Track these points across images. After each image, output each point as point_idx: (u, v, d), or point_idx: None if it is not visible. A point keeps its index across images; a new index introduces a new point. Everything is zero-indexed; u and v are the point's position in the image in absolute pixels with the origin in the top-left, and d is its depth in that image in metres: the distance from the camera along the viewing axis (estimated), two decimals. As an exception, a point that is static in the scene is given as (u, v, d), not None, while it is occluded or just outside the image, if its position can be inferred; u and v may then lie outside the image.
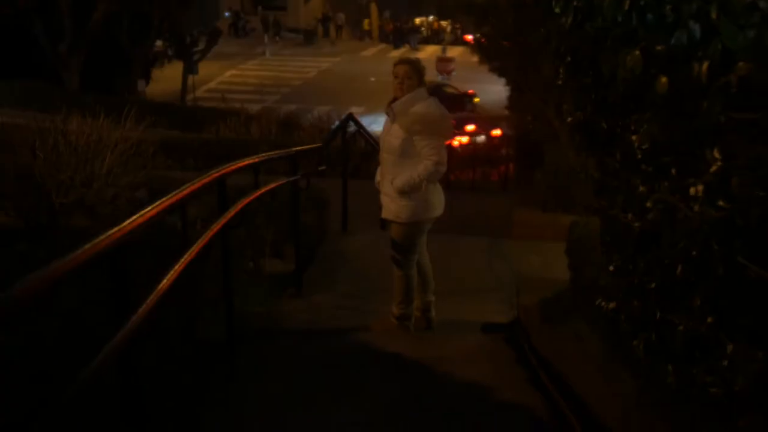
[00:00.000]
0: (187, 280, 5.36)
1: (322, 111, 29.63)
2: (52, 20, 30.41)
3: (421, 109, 5.86)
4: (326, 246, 9.06)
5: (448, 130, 6.05)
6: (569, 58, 2.95)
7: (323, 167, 8.20)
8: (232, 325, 5.41)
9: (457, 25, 63.87)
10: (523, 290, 7.21)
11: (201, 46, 39.57)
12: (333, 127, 11.28)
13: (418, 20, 63.95)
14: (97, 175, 8.51)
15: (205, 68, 42.85)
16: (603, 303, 3.49)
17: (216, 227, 4.63)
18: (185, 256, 3.90)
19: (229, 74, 48.01)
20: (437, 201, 6.09)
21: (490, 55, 13.48)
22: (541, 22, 4.83)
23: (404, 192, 5.92)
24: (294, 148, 7.38)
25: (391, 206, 6.06)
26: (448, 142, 6.03)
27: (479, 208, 11.93)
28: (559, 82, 3.11)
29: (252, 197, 5.47)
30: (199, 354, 5.51)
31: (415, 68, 5.98)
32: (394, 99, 6.01)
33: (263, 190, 5.90)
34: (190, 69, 38.67)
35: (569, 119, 3.08)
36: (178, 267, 3.70)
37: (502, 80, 14.03)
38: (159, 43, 38.79)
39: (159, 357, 4.75)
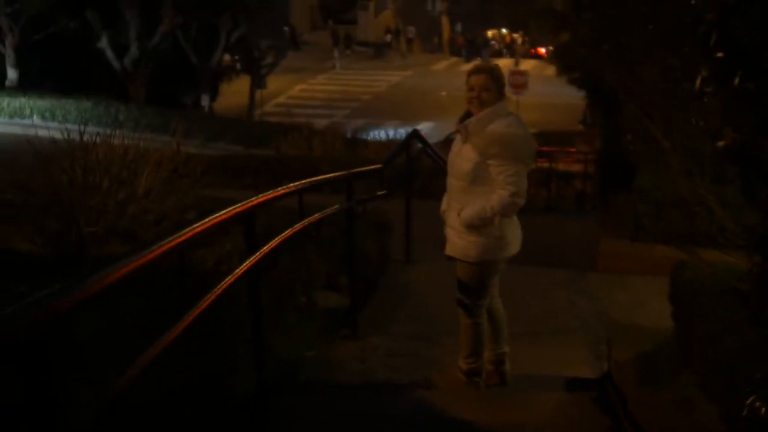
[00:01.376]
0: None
1: (392, 126, 28.78)
2: (118, 34, 30.16)
3: (499, 127, 4.90)
4: (387, 277, 8.14)
5: (530, 155, 5.02)
6: (721, 53, 1.96)
7: (383, 192, 7.26)
8: (263, 379, 4.67)
9: (528, 38, 62.90)
10: (613, 338, 6.18)
11: (269, 60, 39.04)
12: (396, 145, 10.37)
13: (489, 33, 62.93)
14: (133, 197, 7.71)
15: (274, 83, 42.42)
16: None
17: (238, 272, 3.74)
18: (192, 311, 3.05)
19: (299, 88, 47.64)
20: (513, 237, 5.13)
21: (569, 65, 12.51)
22: (651, 16, 3.90)
23: (473, 226, 4.97)
24: (349, 171, 6.46)
25: (458, 242, 5.11)
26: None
27: (555, 233, 10.88)
28: (706, 90, 2.13)
29: (286, 234, 4.56)
30: (228, 410, 4.68)
31: (494, 77, 5.03)
32: (467, 114, 5.08)
33: (304, 223, 5.01)
34: (257, 83, 38.18)
35: (721, 143, 2.10)
36: (179, 326, 2.87)
37: (574, 94, 13.05)
38: (227, 57, 38.40)
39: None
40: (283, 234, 4.52)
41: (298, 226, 4.85)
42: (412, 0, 65.69)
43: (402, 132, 24.80)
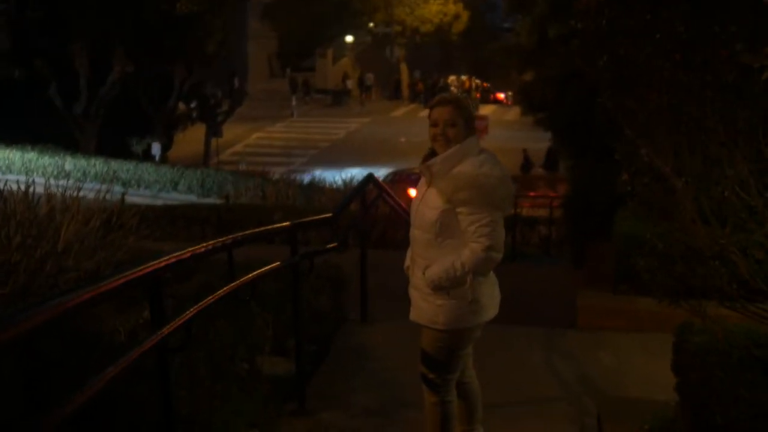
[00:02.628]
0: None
1: (350, 174, 28.00)
2: (68, 82, 29.17)
3: (470, 168, 4.06)
4: (341, 339, 7.24)
5: (507, 199, 4.16)
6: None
7: (333, 245, 6.37)
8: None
9: (486, 84, 62.82)
10: (603, 413, 5.33)
11: (225, 108, 38.13)
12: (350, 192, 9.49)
13: (449, 79, 62.76)
14: (53, 253, 6.77)
15: (231, 131, 41.63)
16: None
17: (134, 355, 2.84)
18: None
19: (256, 137, 46.85)
20: (489, 299, 4.26)
21: (535, 105, 11.81)
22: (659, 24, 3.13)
23: (441, 287, 4.11)
24: (292, 221, 5.56)
25: (423, 306, 4.24)
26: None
27: (526, 284, 10.02)
28: None
29: (206, 302, 3.65)
30: None
31: (461, 109, 4.20)
32: (432, 153, 4.24)
33: (232, 286, 4.09)
34: (213, 132, 37.23)
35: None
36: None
37: (535, 136, 12.34)
38: (182, 105, 37.47)
39: None
40: (202, 302, 3.60)
41: (221, 292, 3.94)
42: (371, 47, 65.37)
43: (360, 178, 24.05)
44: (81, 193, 8.56)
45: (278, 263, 5.09)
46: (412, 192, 4.87)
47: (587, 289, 7.89)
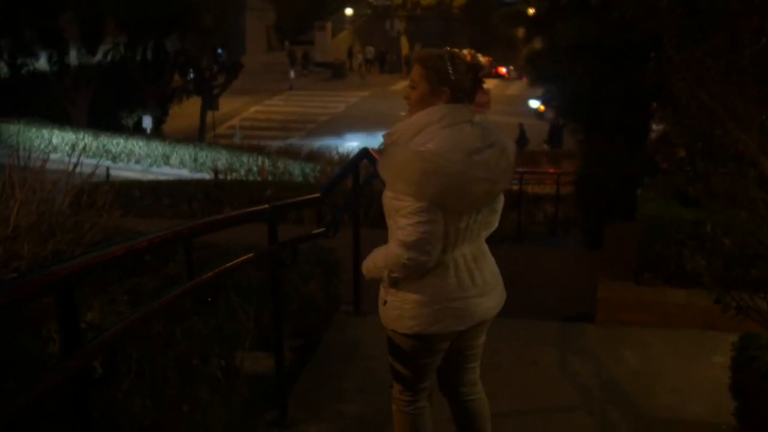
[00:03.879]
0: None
1: (350, 146, 27.18)
2: (58, 53, 28.26)
3: (411, 146, 3.26)
4: (331, 334, 6.46)
5: (451, 193, 3.24)
6: None
7: (321, 229, 5.56)
8: None
9: (488, 58, 61.88)
10: (629, 423, 4.56)
11: (221, 80, 37.18)
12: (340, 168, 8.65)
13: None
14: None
15: (228, 104, 40.74)
16: None
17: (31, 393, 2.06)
18: None
19: (253, 110, 46.03)
20: (454, 304, 3.41)
21: (544, 76, 11.01)
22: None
23: (373, 279, 3.49)
24: (272, 203, 4.75)
25: (379, 299, 3.56)
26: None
27: (534, 269, 9.25)
28: None
29: (130, 321, 2.82)
30: None
31: (427, 69, 3.36)
32: None
33: (186, 288, 3.30)
34: (209, 105, 36.30)
35: None
36: None
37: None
38: (177, 78, 36.51)
39: None
40: (130, 317, 2.79)
41: (165, 299, 3.13)
42: (370, 20, 64.34)
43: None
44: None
45: (251, 254, 4.29)
46: None
47: (605, 277, 7.06)
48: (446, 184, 3.18)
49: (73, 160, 7.94)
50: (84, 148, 23.77)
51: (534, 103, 41.28)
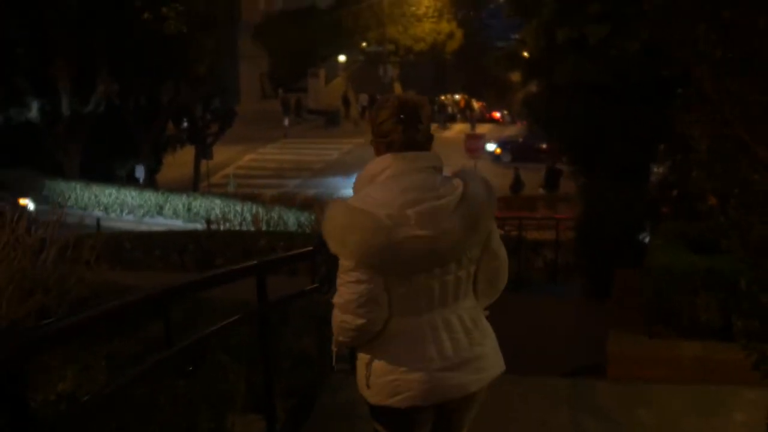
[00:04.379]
0: None
1: (344, 194, 26.88)
2: (50, 101, 27.98)
3: (347, 200, 3.05)
4: (328, 394, 6.08)
5: (377, 253, 2.91)
6: None
7: (315, 285, 5.21)
8: None
9: (482, 103, 61.90)
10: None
11: (214, 129, 36.92)
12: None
13: (443, 98, 61.84)
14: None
15: (222, 153, 40.60)
16: None
17: None
18: None
19: (248, 158, 45.87)
20: (411, 375, 3.02)
21: (542, 118, 10.76)
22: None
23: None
24: (261, 259, 4.41)
25: None
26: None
27: (537, 319, 8.91)
28: None
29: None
30: None
31: (372, 117, 3.16)
32: None
33: (160, 358, 2.96)
34: (203, 154, 36.04)
35: None
36: None
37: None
38: (171, 126, 36.24)
39: None
40: (98, 396, 2.44)
41: (141, 369, 2.78)
42: (363, 67, 64.44)
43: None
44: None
45: (237, 316, 3.94)
46: None
47: (614, 329, 6.71)
48: (367, 241, 2.88)
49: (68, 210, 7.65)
50: (74, 198, 23.52)
51: (490, 147, 41.93)
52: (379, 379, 3.03)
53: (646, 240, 10.86)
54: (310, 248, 5.41)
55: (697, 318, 5.73)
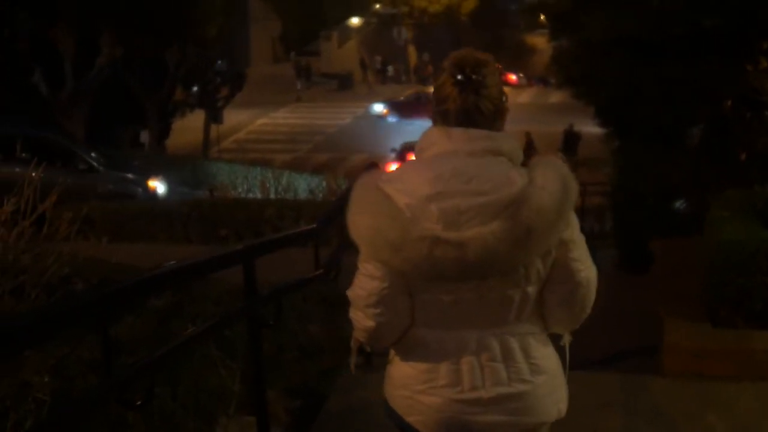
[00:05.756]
0: None
1: (358, 159, 26.05)
2: (53, 67, 27.12)
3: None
4: (338, 396, 5.22)
5: (385, 244, 2.31)
6: None
7: (319, 271, 4.36)
8: None
9: (499, 65, 60.94)
10: None
11: (225, 92, 35.99)
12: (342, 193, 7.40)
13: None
14: None
15: (234, 117, 39.66)
16: None
17: None
18: None
19: (260, 123, 45.11)
20: (423, 398, 2.46)
21: (573, 77, 9.87)
22: None
23: None
24: (250, 242, 3.55)
25: None
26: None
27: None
28: None
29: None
30: None
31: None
32: None
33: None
34: (213, 118, 35.16)
35: None
36: None
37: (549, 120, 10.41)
38: (179, 91, 35.33)
39: None
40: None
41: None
42: (377, 29, 63.36)
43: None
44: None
45: (215, 320, 3.08)
46: None
47: (669, 314, 5.78)
48: (378, 231, 2.31)
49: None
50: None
51: (378, 107, 41.53)
52: (395, 392, 2.56)
53: (682, 208, 10.02)
54: (312, 226, 4.55)
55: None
